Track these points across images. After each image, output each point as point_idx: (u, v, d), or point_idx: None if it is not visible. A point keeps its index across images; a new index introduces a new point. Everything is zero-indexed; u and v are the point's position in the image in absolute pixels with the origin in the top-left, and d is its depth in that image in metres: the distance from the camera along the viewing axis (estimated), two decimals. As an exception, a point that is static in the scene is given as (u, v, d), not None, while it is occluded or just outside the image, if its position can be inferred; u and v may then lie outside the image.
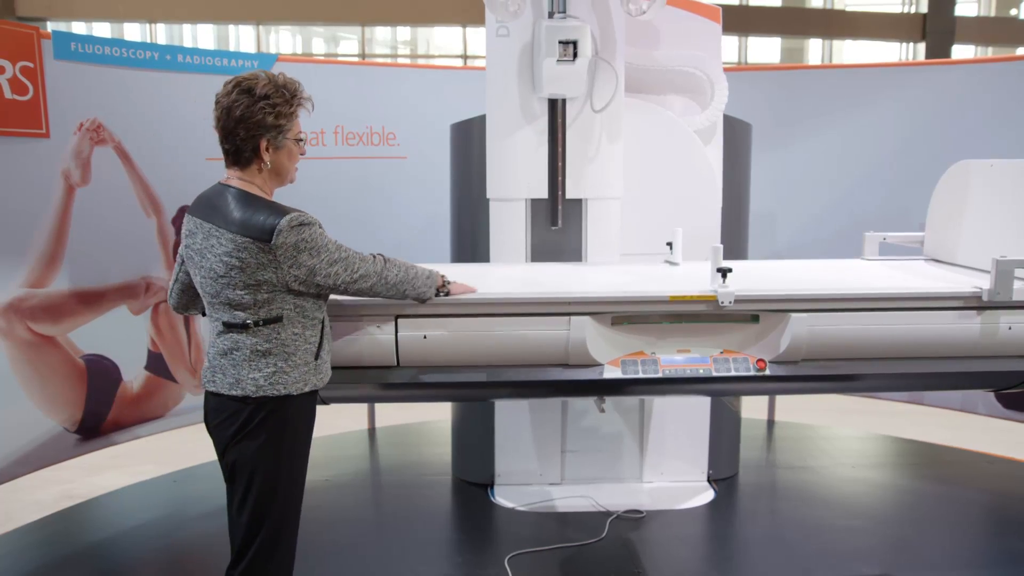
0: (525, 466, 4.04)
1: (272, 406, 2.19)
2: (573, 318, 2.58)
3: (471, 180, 3.77)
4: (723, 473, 4.21)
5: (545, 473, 4.05)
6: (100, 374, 3.90)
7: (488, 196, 3.56)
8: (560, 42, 3.12)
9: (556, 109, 3.38)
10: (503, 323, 2.58)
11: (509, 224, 3.56)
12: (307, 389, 2.25)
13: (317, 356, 2.28)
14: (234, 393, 2.19)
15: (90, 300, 3.83)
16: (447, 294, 2.54)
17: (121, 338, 3.96)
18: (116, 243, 3.90)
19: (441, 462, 4.45)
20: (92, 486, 4.41)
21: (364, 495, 4.21)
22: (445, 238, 4.12)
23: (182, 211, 4.07)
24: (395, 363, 2.59)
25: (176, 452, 4.64)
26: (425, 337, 2.56)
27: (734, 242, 3.81)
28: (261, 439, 2.19)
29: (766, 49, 17.24)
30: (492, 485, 4.08)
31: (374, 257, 2.35)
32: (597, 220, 3.56)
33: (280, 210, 2.17)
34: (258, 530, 2.22)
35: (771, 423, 5.29)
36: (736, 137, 3.87)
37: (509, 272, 3.23)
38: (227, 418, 2.21)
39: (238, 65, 4.25)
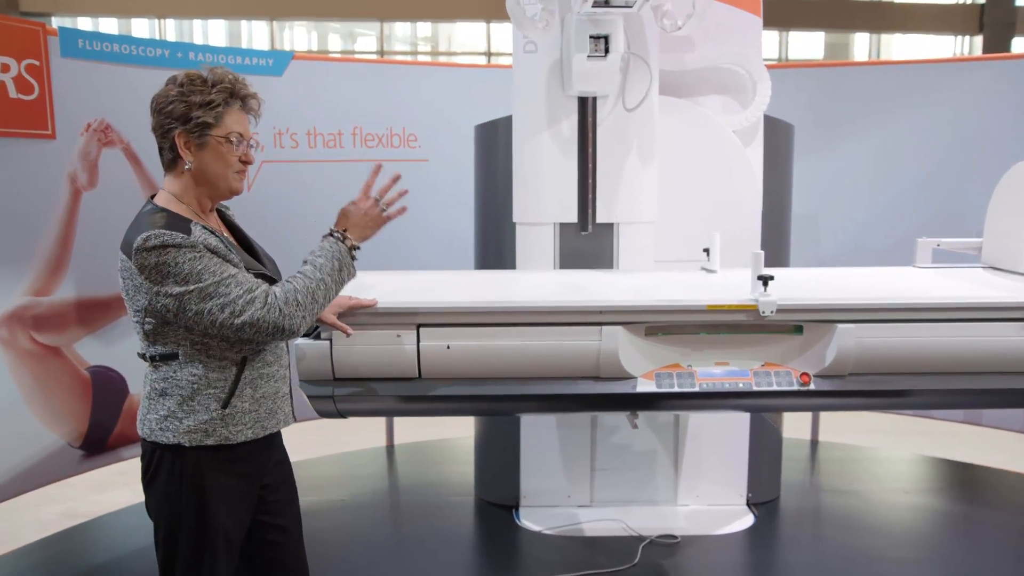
0: (552, 487, 4.04)
1: (168, 453, 2.04)
2: (604, 328, 2.58)
3: (496, 184, 3.79)
4: (763, 497, 4.19)
5: (574, 494, 4.05)
6: (106, 386, 3.95)
7: (515, 220, 3.58)
8: (591, 37, 3.13)
9: (587, 108, 3.39)
10: (531, 333, 2.58)
11: (537, 248, 3.58)
12: (209, 442, 2.04)
13: (227, 404, 2.06)
14: (139, 432, 2.11)
15: (96, 309, 3.89)
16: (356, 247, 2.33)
17: (128, 349, 3.97)
18: (124, 249, 3.95)
19: (463, 482, 4.46)
20: (97, 504, 4.46)
21: (382, 516, 4.23)
22: (469, 244, 4.14)
23: (192, 216, 4.12)
24: (416, 375, 2.61)
25: (184, 469, 4.68)
26: (448, 347, 2.58)
27: (776, 249, 3.80)
28: (159, 485, 2.06)
29: (809, 45, 17.16)
30: (517, 507, 4.08)
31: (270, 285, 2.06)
32: (629, 246, 3.56)
33: (151, 224, 1.96)
34: None
35: (815, 443, 5.25)
36: (777, 139, 3.86)
37: (537, 279, 3.24)
38: (140, 456, 2.12)
39: (251, 63, 4.30)
